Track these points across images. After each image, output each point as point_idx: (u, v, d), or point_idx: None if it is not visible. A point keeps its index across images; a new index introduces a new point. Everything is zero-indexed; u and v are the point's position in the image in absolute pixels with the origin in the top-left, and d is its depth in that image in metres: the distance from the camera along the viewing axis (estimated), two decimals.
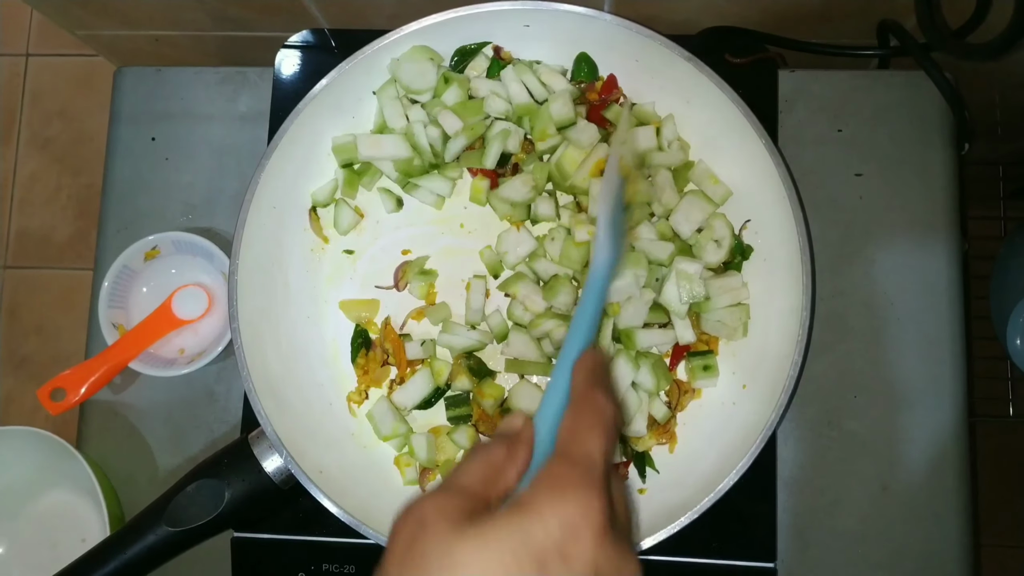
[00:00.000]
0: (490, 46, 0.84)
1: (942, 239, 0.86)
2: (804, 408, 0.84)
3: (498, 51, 0.84)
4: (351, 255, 0.86)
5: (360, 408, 0.83)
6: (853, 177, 0.88)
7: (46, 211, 1.87)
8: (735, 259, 0.81)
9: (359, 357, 0.83)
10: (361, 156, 0.83)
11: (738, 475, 0.70)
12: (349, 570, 0.81)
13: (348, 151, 0.83)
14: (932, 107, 0.88)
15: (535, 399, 0.79)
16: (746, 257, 0.81)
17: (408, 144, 0.82)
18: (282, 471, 0.75)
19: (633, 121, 0.82)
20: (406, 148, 0.82)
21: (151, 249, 0.88)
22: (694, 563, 0.80)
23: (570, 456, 0.44)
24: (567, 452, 0.45)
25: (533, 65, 0.84)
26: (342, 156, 0.84)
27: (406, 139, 0.82)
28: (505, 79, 0.82)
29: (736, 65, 0.87)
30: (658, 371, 0.79)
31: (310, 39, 0.93)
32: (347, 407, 0.83)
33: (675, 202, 0.81)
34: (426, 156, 0.82)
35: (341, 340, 0.85)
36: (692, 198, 0.81)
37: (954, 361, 0.84)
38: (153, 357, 0.88)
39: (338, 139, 0.84)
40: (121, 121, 0.95)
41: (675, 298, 0.78)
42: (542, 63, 0.84)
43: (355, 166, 0.85)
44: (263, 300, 0.80)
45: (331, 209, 0.86)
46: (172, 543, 0.73)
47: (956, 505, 0.82)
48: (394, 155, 0.82)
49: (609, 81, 0.84)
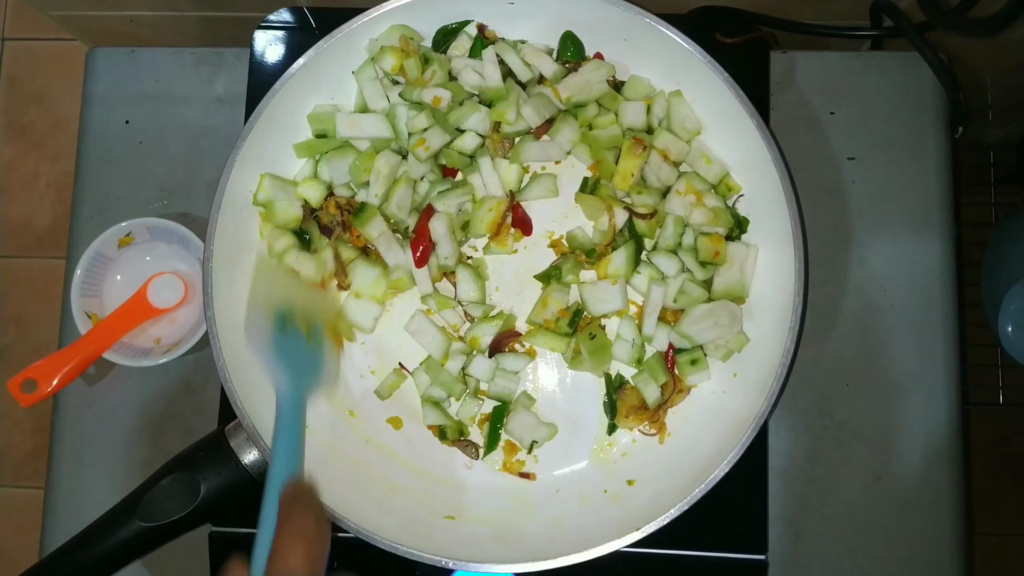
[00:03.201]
0: (474, 24, 0.81)
1: (935, 223, 0.85)
2: (796, 397, 0.83)
3: (482, 29, 0.81)
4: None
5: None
6: (846, 161, 0.86)
7: (24, 199, 1.84)
8: (733, 232, 0.79)
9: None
10: (339, 134, 0.80)
11: (729, 465, 0.69)
12: (330, 565, 0.79)
13: (324, 122, 0.80)
14: (925, 89, 0.86)
15: (533, 429, 0.79)
16: (744, 229, 0.79)
17: (388, 125, 0.80)
18: (260, 464, 0.73)
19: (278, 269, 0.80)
20: (386, 128, 0.80)
21: (125, 236, 0.86)
22: (685, 555, 0.78)
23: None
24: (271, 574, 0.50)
25: (517, 45, 0.81)
26: (317, 126, 0.81)
27: (387, 120, 0.80)
28: (485, 58, 0.80)
29: (728, 45, 0.85)
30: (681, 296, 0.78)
31: (288, 18, 0.90)
32: (327, 397, 0.81)
33: (673, 179, 0.79)
34: (403, 141, 0.80)
35: None
36: (686, 180, 0.79)
37: (947, 348, 0.83)
38: (129, 347, 0.85)
39: (320, 107, 0.81)
40: (94, 104, 0.92)
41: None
42: (527, 43, 0.82)
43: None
44: (240, 287, 0.77)
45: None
46: (146, 538, 0.71)
47: (949, 494, 0.81)
48: (374, 135, 0.80)
49: (596, 59, 0.82)
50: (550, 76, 0.80)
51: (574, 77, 0.80)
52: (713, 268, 0.78)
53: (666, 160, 0.79)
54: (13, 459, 1.77)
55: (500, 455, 0.80)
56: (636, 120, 0.80)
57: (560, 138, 0.80)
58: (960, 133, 0.88)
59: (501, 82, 0.79)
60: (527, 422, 0.79)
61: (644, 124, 0.80)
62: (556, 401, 0.81)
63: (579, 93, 0.80)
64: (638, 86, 0.81)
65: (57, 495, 0.86)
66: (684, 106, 0.80)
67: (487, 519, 0.76)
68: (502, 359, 0.80)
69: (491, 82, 0.79)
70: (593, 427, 0.80)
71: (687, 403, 0.79)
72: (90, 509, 0.74)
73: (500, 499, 0.78)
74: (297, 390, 0.62)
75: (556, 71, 0.80)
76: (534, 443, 0.80)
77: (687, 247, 0.78)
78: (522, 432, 0.79)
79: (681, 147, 0.79)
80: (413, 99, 0.79)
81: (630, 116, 0.80)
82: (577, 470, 0.80)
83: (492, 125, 0.80)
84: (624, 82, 0.82)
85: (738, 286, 0.78)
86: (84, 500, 0.85)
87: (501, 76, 0.79)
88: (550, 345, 0.80)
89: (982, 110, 1.23)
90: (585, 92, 0.80)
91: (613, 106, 0.81)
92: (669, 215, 0.78)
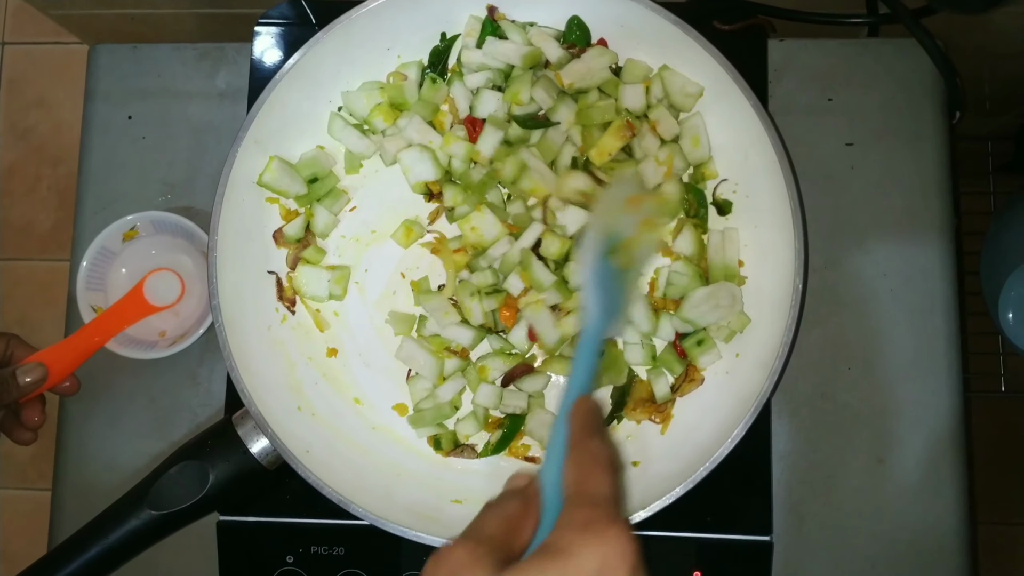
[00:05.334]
0: (486, 5, 0.81)
1: (935, 208, 0.85)
2: (797, 381, 0.83)
3: (492, 11, 0.82)
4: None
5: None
6: (844, 147, 0.86)
7: (26, 202, 1.84)
8: (699, 211, 0.80)
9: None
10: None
11: (733, 443, 0.69)
12: (338, 552, 0.79)
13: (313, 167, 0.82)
14: (922, 75, 0.87)
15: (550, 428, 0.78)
16: (726, 212, 0.80)
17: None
18: (268, 452, 0.74)
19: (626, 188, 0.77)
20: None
21: (129, 230, 0.86)
22: (690, 537, 0.78)
23: (588, 500, 0.46)
24: (584, 497, 0.47)
25: (526, 27, 0.82)
26: (307, 172, 0.82)
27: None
28: (489, 42, 0.80)
29: (725, 32, 0.86)
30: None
31: (288, 12, 0.90)
32: (333, 385, 0.81)
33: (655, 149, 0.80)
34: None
35: None
36: (668, 151, 0.79)
37: (948, 331, 0.83)
38: (133, 340, 0.85)
39: (306, 155, 0.83)
40: (97, 100, 0.93)
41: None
42: (536, 24, 0.82)
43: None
44: (244, 277, 0.78)
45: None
46: (156, 527, 0.72)
47: (952, 478, 0.81)
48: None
49: (600, 44, 0.82)
50: (555, 61, 0.81)
51: (577, 64, 0.80)
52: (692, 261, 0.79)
53: (653, 132, 0.80)
54: (17, 461, 1.77)
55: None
56: (635, 103, 0.80)
57: (558, 117, 0.80)
58: (958, 119, 0.88)
59: (525, 53, 0.80)
60: (545, 420, 0.79)
61: (643, 106, 0.80)
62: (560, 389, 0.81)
63: (581, 80, 0.80)
64: (635, 69, 0.81)
65: (64, 489, 0.86)
66: (676, 75, 0.79)
67: None
68: (518, 383, 0.79)
69: (502, 60, 0.80)
70: None
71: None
72: (97, 502, 0.75)
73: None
74: (601, 322, 0.60)
75: (561, 57, 0.81)
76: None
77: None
78: (542, 432, 0.78)
79: (671, 124, 0.80)
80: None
81: (629, 99, 0.80)
82: None
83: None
84: (622, 67, 0.82)
85: (723, 269, 0.78)
86: (91, 494, 0.85)
87: (523, 50, 0.80)
88: (564, 372, 0.80)
89: (979, 100, 1.23)
90: (587, 79, 0.80)
91: (614, 92, 0.81)
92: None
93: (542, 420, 0.79)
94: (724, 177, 0.81)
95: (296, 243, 0.82)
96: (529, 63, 0.80)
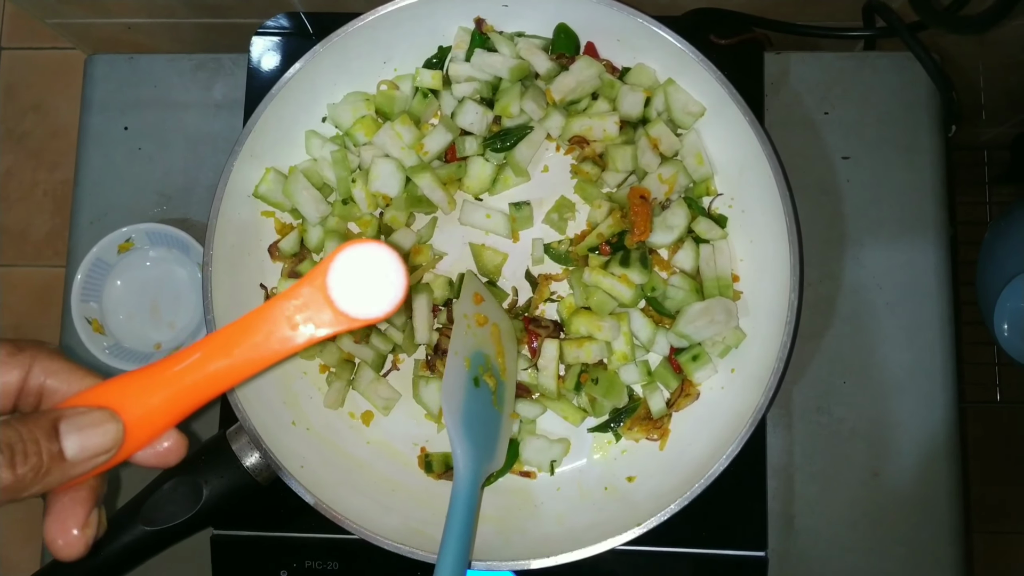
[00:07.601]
0: (473, 18, 0.81)
1: (930, 221, 0.85)
2: (793, 394, 0.83)
3: (480, 24, 0.81)
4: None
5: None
6: (840, 160, 0.87)
7: (22, 207, 1.84)
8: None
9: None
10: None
11: (729, 459, 0.69)
12: (332, 567, 0.79)
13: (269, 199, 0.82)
14: (919, 88, 0.87)
15: (547, 450, 0.79)
16: (722, 227, 0.80)
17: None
18: (261, 466, 0.73)
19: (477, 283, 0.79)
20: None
21: (125, 241, 0.86)
22: (685, 553, 0.78)
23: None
24: None
25: (514, 38, 0.82)
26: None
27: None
28: (477, 54, 0.80)
29: (722, 46, 0.86)
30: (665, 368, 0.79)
31: (285, 24, 0.90)
32: None
33: (655, 167, 0.80)
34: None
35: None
36: (674, 169, 0.79)
37: (943, 345, 0.83)
38: (128, 352, 0.85)
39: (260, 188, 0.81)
40: (93, 110, 0.92)
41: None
42: (524, 34, 0.82)
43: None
44: (239, 290, 0.78)
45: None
46: (149, 543, 0.71)
47: (947, 489, 0.81)
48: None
49: (588, 49, 0.82)
50: (543, 73, 0.80)
51: (565, 77, 0.80)
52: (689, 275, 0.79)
53: (654, 149, 0.79)
54: None
55: None
56: (633, 109, 0.79)
57: (549, 123, 0.80)
58: (953, 132, 0.88)
59: (495, 75, 0.80)
60: (539, 446, 0.79)
61: (640, 114, 0.80)
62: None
63: (571, 94, 0.80)
64: (643, 74, 0.80)
65: None
66: (681, 92, 0.79)
67: (489, 517, 0.76)
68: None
69: (490, 73, 0.80)
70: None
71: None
72: None
73: (501, 497, 0.78)
74: (476, 471, 0.60)
75: (550, 68, 0.80)
76: (553, 462, 0.79)
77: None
78: (539, 457, 0.79)
79: (672, 140, 0.80)
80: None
81: (627, 104, 0.79)
82: (577, 467, 0.80)
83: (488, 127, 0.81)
84: (629, 68, 0.81)
85: (716, 281, 0.78)
86: None
87: (514, 61, 0.80)
88: (566, 415, 0.79)
89: (975, 110, 1.23)
90: (577, 92, 0.80)
91: (611, 94, 0.81)
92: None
93: (535, 446, 0.79)
94: (720, 192, 0.81)
95: (291, 257, 0.82)
96: (517, 76, 0.80)
